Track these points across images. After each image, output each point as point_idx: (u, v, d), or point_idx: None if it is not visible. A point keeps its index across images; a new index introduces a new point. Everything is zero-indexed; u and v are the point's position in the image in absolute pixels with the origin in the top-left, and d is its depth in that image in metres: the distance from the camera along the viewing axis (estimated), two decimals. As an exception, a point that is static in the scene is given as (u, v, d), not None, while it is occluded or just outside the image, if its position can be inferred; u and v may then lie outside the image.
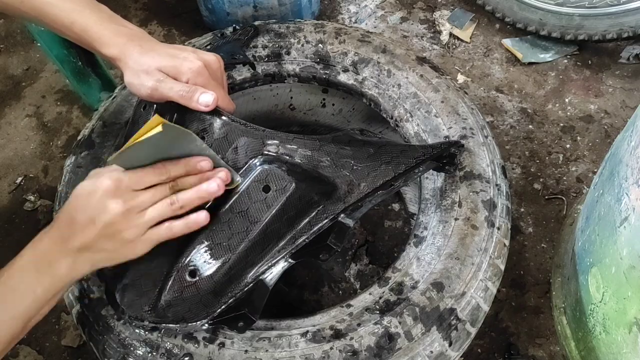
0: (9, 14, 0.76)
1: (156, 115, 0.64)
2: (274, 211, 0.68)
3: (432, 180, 0.85)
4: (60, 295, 0.65)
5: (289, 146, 0.72)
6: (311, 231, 0.70)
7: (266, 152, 0.71)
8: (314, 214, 0.71)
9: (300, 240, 0.70)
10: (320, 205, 0.71)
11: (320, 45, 0.98)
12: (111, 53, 0.71)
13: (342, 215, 0.71)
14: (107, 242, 0.63)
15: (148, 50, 0.71)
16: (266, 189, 0.69)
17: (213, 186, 0.67)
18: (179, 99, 0.70)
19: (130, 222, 0.63)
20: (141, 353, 0.70)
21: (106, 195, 0.62)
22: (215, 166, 0.69)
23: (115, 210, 0.62)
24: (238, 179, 0.70)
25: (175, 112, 0.72)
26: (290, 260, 0.71)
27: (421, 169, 0.77)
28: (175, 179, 0.67)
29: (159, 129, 0.63)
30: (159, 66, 0.70)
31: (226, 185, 0.69)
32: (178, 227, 0.66)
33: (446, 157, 0.81)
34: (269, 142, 0.72)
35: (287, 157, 0.71)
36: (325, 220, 0.70)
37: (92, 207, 0.62)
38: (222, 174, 0.68)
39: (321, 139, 0.75)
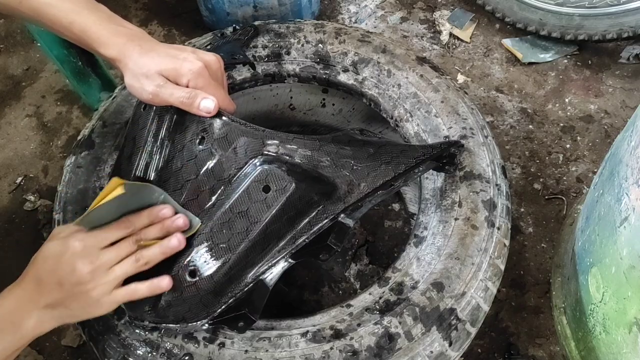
0: (7, 15, 0.76)
1: (115, 178, 0.68)
2: (274, 211, 0.68)
3: (432, 180, 0.85)
4: (19, 351, 0.65)
5: (288, 146, 0.72)
6: (311, 231, 0.70)
7: (266, 152, 0.71)
8: (314, 214, 0.71)
9: (300, 240, 0.70)
10: (320, 205, 0.71)
11: (320, 45, 0.98)
12: (110, 54, 0.71)
13: (342, 215, 0.71)
14: (74, 301, 0.64)
15: (148, 50, 0.71)
16: (266, 189, 0.69)
17: (174, 242, 0.68)
18: (180, 104, 0.70)
19: (97, 281, 0.64)
20: (141, 353, 0.70)
21: (74, 257, 0.63)
22: (175, 212, 0.71)
23: (83, 271, 0.63)
24: (197, 222, 0.70)
25: (175, 113, 0.73)
26: (290, 260, 0.71)
27: (421, 168, 0.77)
28: (139, 231, 0.68)
29: (120, 190, 0.67)
30: (159, 69, 0.69)
31: (186, 232, 0.70)
32: (142, 291, 0.67)
33: (446, 157, 0.81)
34: (269, 142, 0.72)
35: (287, 157, 0.71)
36: (325, 220, 0.70)
37: (60, 268, 0.63)
38: (180, 221, 0.69)
39: (321, 139, 0.75)
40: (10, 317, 0.63)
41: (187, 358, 0.69)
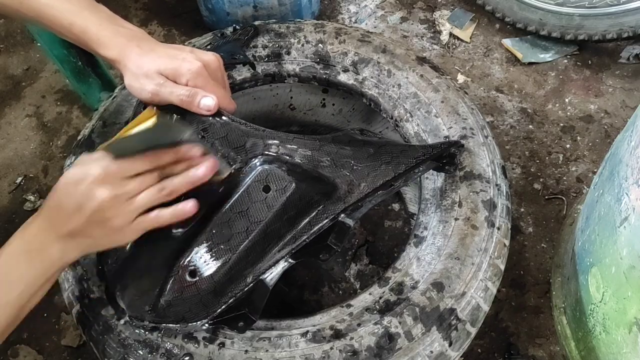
0: (8, 16, 0.76)
1: (149, 108, 0.64)
2: (274, 211, 0.69)
3: (432, 180, 0.85)
4: (52, 281, 0.64)
5: (289, 146, 0.72)
6: (311, 231, 0.70)
7: (266, 152, 0.71)
8: (314, 214, 0.71)
9: (301, 240, 0.70)
10: (321, 205, 0.71)
11: (320, 45, 0.98)
12: (110, 55, 0.71)
13: (342, 215, 0.71)
14: (95, 228, 0.63)
15: (147, 51, 0.71)
16: (266, 189, 0.69)
17: (202, 170, 0.67)
18: (180, 103, 0.70)
19: (118, 209, 0.63)
20: (141, 353, 0.70)
21: (94, 183, 0.62)
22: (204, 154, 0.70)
23: (103, 197, 0.61)
24: (228, 168, 0.69)
25: (175, 112, 0.73)
26: (290, 260, 0.71)
27: (421, 168, 0.77)
28: (164, 167, 0.67)
29: (154, 121, 0.63)
30: (159, 69, 0.70)
31: (215, 175, 0.68)
32: (165, 216, 0.66)
33: (446, 157, 0.81)
34: (269, 142, 0.72)
35: (287, 157, 0.71)
36: (326, 220, 0.70)
37: (80, 194, 0.61)
38: (210, 162, 0.68)
39: (321, 139, 0.75)
40: (35, 246, 0.62)
41: (187, 358, 0.69)
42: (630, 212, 0.71)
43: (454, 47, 1.62)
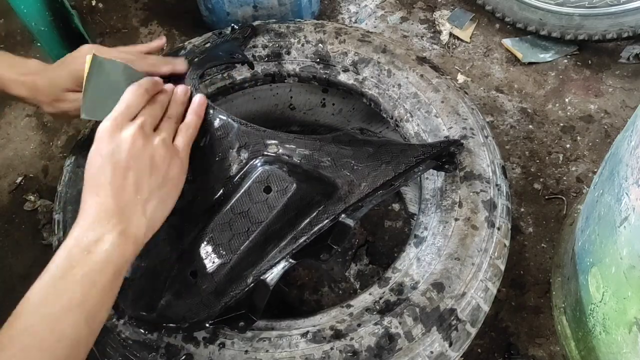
0: None
1: (87, 57, 0.67)
2: (275, 212, 0.68)
3: (432, 180, 0.85)
4: (120, 278, 0.58)
5: (289, 146, 0.72)
6: (312, 231, 0.70)
7: (267, 153, 0.71)
8: (314, 214, 0.70)
9: (301, 240, 0.70)
10: (321, 206, 0.71)
11: (320, 45, 0.98)
12: (19, 93, 0.77)
13: (342, 215, 0.71)
14: (149, 178, 0.60)
15: (43, 77, 0.75)
16: (267, 189, 0.69)
17: (182, 88, 0.71)
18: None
19: (154, 145, 0.62)
20: (141, 353, 0.70)
21: (112, 134, 0.60)
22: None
23: (129, 136, 0.60)
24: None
25: None
26: (290, 260, 0.71)
27: (421, 168, 0.77)
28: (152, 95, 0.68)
29: (88, 60, 0.67)
30: (61, 86, 0.76)
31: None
32: (192, 121, 0.68)
33: (446, 155, 0.81)
34: (270, 142, 0.72)
35: (288, 158, 0.71)
36: (326, 221, 0.70)
37: (111, 153, 0.59)
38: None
39: (321, 139, 0.75)
40: (95, 236, 0.56)
41: (187, 358, 0.69)
42: (630, 212, 0.71)
43: (454, 47, 1.62)
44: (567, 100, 1.49)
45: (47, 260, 0.59)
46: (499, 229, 0.78)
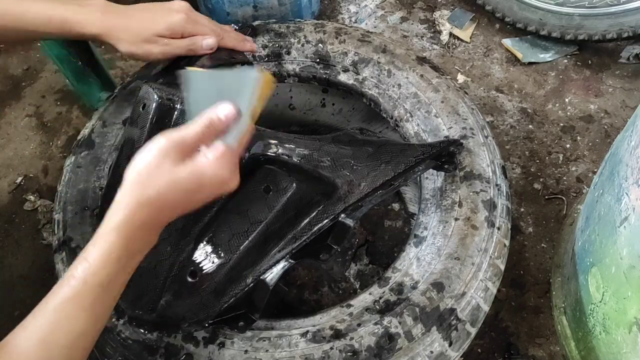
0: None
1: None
2: (274, 212, 0.68)
3: (432, 180, 0.85)
4: None
5: (288, 146, 0.72)
6: (311, 231, 0.70)
7: (266, 153, 0.71)
8: (314, 214, 0.70)
9: (301, 240, 0.70)
10: (321, 206, 0.71)
11: (320, 45, 0.98)
12: (94, 31, 0.78)
13: (342, 215, 0.71)
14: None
15: (129, 18, 0.79)
16: (267, 189, 0.69)
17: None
18: (188, 52, 0.81)
19: (231, 173, 0.61)
20: (141, 353, 0.70)
21: (222, 186, 0.60)
22: None
23: (233, 187, 0.61)
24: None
25: (178, 113, 0.73)
26: (290, 260, 0.71)
27: (421, 168, 0.77)
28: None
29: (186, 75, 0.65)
30: (157, 32, 0.78)
31: None
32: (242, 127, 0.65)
33: (446, 155, 0.81)
34: (270, 142, 0.72)
35: (287, 157, 0.71)
36: (326, 221, 0.70)
37: (201, 194, 0.59)
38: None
39: (321, 139, 0.75)
40: (138, 248, 0.57)
41: (187, 358, 0.69)
42: (630, 212, 0.71)
43: (454, 47, 1.62)
44: (567, 100, 1.49)
45: (47, 260, 0.59)
46: (499, 228, 0.78)
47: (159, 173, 0.55)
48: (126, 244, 0.55)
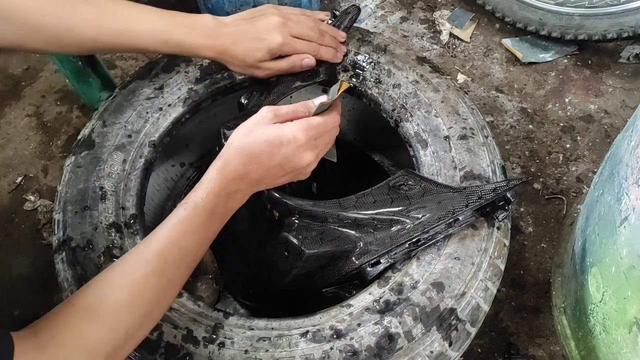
0: (101, 52, 0.85)
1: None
2: (295, 271, 0.81)
3: (432, 180, 0.85)
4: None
5: (306, 214, 0.79)
6: (335, 278, 0.80)
7: (289, 221, 0.80)
8: (338, 265, 0.79)
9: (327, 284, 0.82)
10: (341, 260, 0.79)
11: (320, 45, 0.98)
12: (208, 55, 0.83)
13: (359, 267, 0.78)
14: (286, 178, 0.73)
15: (234, 43, 0.82)
16: (287, 250, 0.79)
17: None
18: (289, 70, 0.87)
19: (315, 163, 0.73)
20: (141, 353, 0.70)
21: (301, 147, 0.69)
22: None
23: (309, 160, 0.71)
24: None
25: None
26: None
27: (457, 224, 0.78)
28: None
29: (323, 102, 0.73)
30: (259, 58, 0.83)
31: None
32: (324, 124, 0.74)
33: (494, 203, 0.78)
34: (293, 220, 0.80)
35: (305, 223, 0.79)
36: (344, 274, 0.79)
37: (286, 156, 0.68)
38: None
39: (342, 204, 0.79)
40: (232, 188, 0.68)
41: (187, 358, 0.69)
42: (630, 212, 0.71)
43: (454, 47, 1.62)
44: (567, 100, 1.49)
45: (47, 260, 0.60)
46: (498, 228, 0.78)
47: (254, 129, 0.68)
48: (225, 184, 0.66)
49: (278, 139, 0.67)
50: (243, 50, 0.82)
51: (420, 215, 0.76)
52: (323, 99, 0.73)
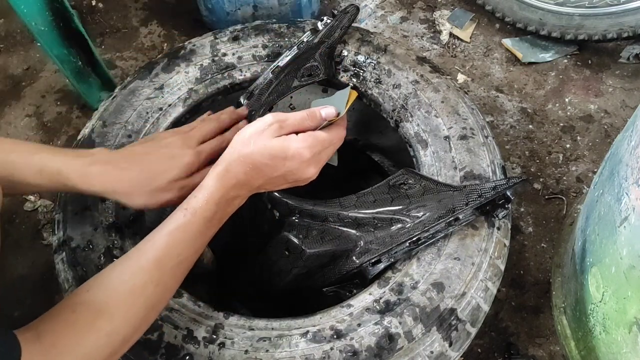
0: None
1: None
2: (296, 270, 0.81)
3: (432, 180, 0.85)
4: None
5: (307, 213, 0.79)
6: (336, 277, 0.80)
7: (290, 220, 0.80)
8: (338, 264, 0.80)
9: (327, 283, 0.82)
10: (341, 260, 0.79)
11: (320, 45, 0.98)
12: (91, 189, 0.69)
13: (360, 266, 0.78)
14: (288, 184, 0.72)
15: (128, 169, 0.70)
16: (287, 250, 0.80)
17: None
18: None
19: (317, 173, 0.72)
20: (141, 353, 0.70)
21: (305, 163, 0.68)
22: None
23: (312, 175, 0.71)
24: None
25: None
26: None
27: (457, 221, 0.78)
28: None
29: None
30: (171, 178, 0.71)
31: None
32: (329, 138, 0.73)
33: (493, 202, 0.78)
34: (293, 219, 0.80)
35: (305, 223, 0.80)
36: (344, 273, 0.79)
37: (289, 170, 0.68)
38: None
39: (342, 203, 0.79)
40: (232, 195, 0.67)
41: (187, 358, 0.69)
42: (630, 212, 0.71)
43: (454, 47, 1.62)
44: (567, 100, 1.49)
45: (47, 260, 0.60)
46: (498, 228, 0.78)
47: (257, 138, 0.66)
48: (225, 192, 0.65)
49: (283, 154, 0.66)
50: (151, 173, 0.71)
51: (420, 214, 0.76)
52: (331, 111, 0.72)
